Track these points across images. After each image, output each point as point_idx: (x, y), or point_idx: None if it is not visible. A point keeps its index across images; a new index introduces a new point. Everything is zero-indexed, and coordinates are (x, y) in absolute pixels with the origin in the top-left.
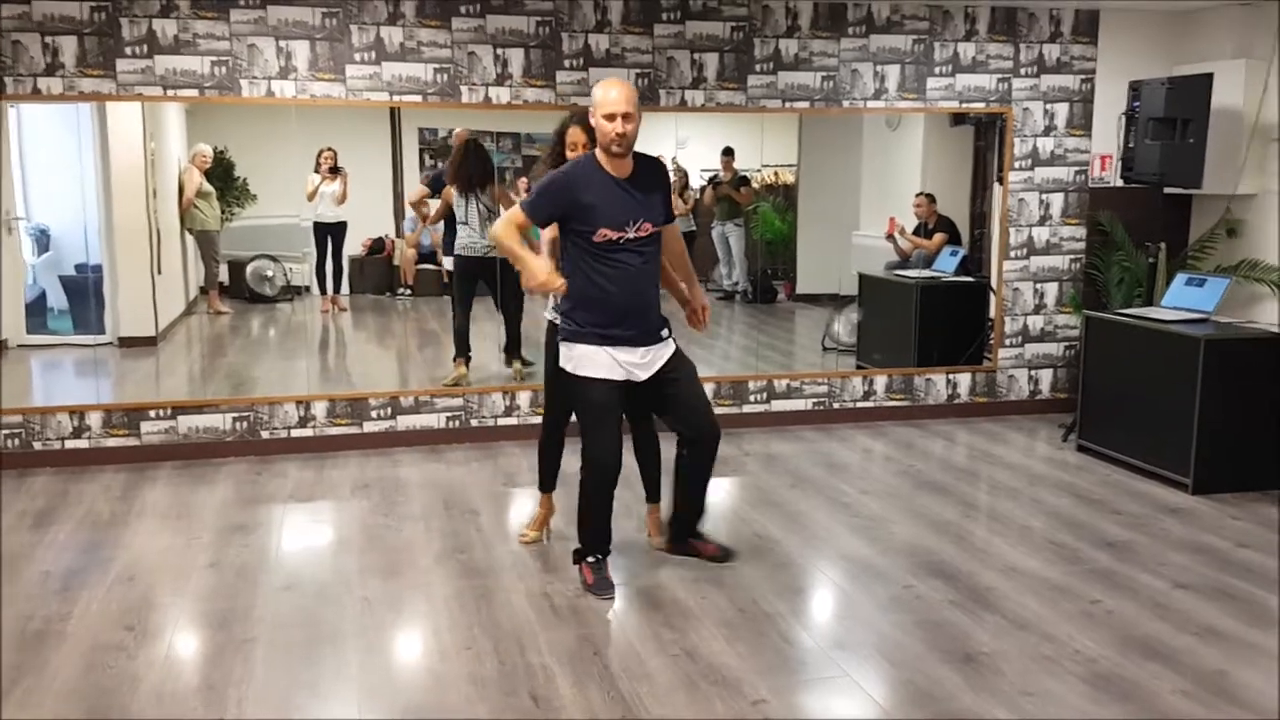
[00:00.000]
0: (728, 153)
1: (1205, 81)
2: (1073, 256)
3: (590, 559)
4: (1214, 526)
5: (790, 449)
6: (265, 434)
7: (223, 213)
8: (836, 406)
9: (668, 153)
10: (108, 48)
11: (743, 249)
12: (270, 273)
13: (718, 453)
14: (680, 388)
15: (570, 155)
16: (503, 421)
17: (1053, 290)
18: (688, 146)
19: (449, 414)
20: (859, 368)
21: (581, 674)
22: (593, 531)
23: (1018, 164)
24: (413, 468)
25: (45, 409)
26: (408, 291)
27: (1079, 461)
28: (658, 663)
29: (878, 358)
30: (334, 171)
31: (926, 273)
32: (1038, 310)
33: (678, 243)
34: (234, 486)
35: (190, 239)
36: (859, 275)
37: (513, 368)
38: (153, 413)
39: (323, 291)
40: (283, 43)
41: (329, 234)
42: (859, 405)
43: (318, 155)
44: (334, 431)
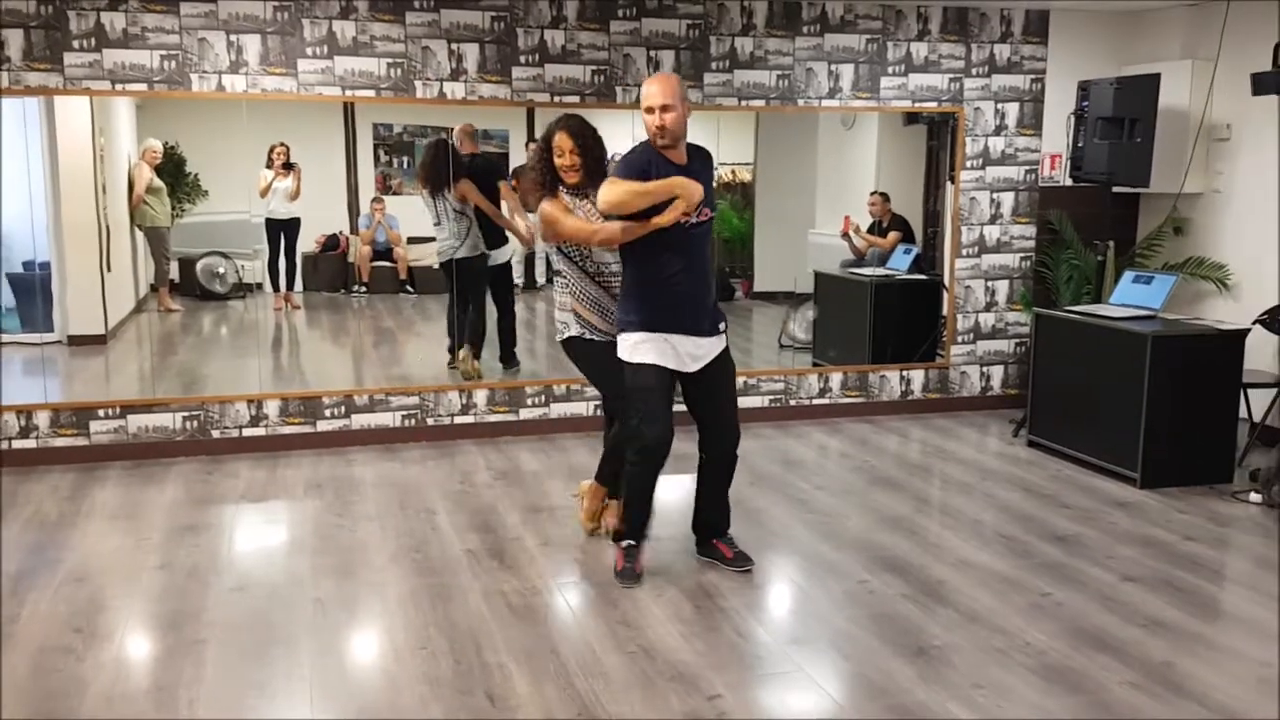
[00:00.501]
0: None
1: (1153, 82)
2: (1023, 254)
3: (625, 544)
4: (1161, 520)
5: (747, 446)
6: (216, 433)
7: (173, 209)
8: (793, 403)
9: (624, 150)
10: (55, 41)
11: None
12: (222, 270)
13: (736, 461)
14: (716, 391)
15: (557, 161)
16: (459, 420)
17: (1004, 288)
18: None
19: (404, 412)
20: (815, 365)
21: (538, 672)
22: (634, 515)
23: (969, 163)
24: (367, 467)
25: None
26: (363, 289)
27: (1029, 456)
28: (614, 660)
29: (833, 355)
30: (287, 167)
31: (881, 271)
32: (989, 308)
33: None
34: (184, 486)
35: (140, 235)
36: (815, 273)
37: (469, 364)
38: (102, 412)
39: (275, 289)
40: (233, 37)
41: (281, 230)
42: (815, 402)
43: (270, 151)
44: (287, 430)
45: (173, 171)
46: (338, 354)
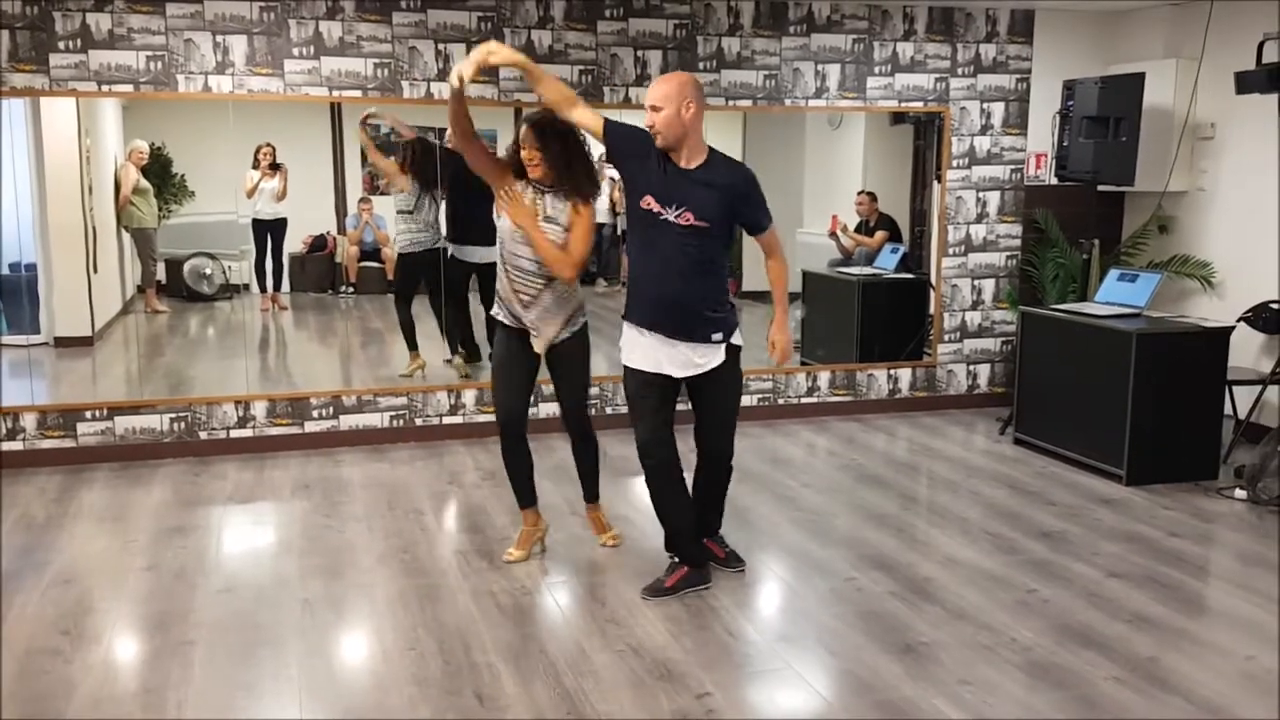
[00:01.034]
0: None
1: (1137, 81)
2: (1009, 253)
3: (680, 565)
4: (1146, 516)
5: (736, 444)
6: (204, 435)
7: (160, 210)
8: (781, 402)
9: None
10: (40, 42)
11: None
12: (209, 271)
13: (731, 471)
14: (710, 402)
15: (521, 153)
16: (448, 420)
17: (990, 286)
18: None
19: (392, 413)
20: (803, 364)
21: (527, 672)
22: (666, 529)
23: (955, 162)
24: (355, 468)
25: None
26: (350, 289)
27: (1016, 454)
28: (603, 659)
29: (821, 354)
30: (273, 168)
31: (868, 270)
32: (975, 306)
33: (774, 265)
34: (172, 488)
35: (127, 237)
36: (803, 273)
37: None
38: (89, 414)
39: (262, 290)
40: (219, 37)
41: (268, 231)
42: (803, 401)
43: (256, 151)
44: (274, 432)
45: (159, 172)
46: (325, 355)
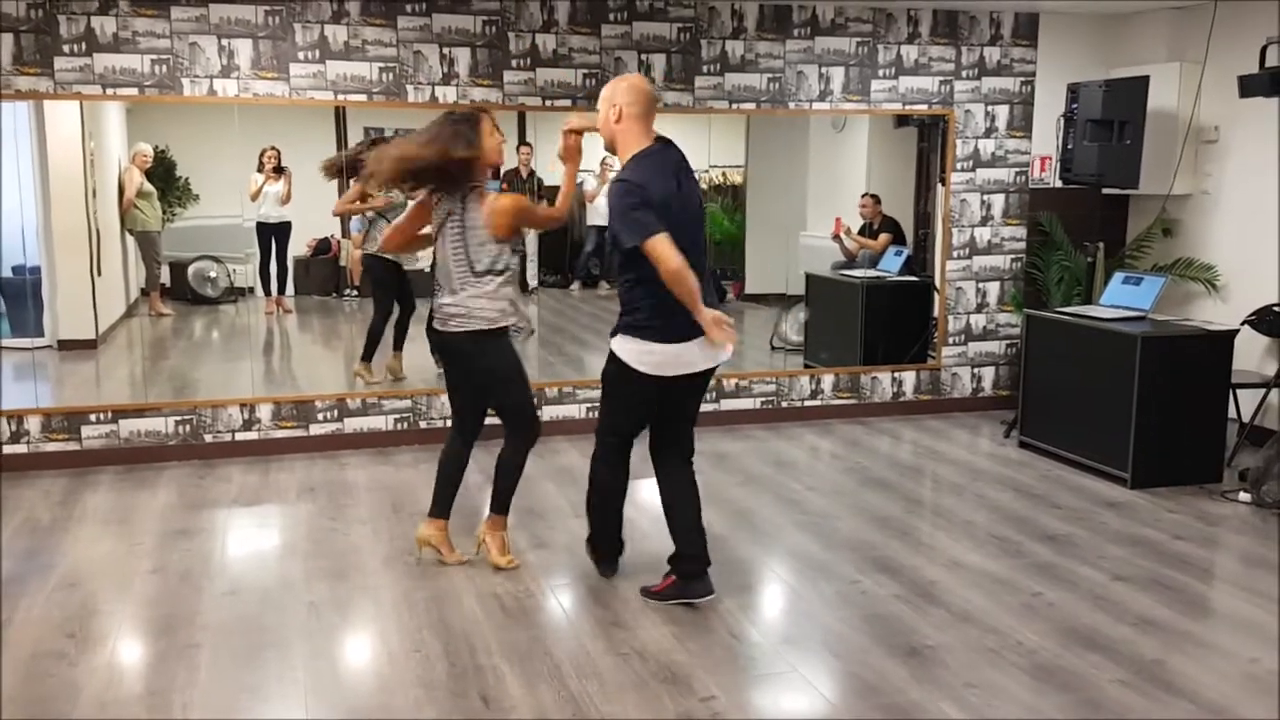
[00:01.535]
0: None
1: (1141, 84)
2: (1013, 256)
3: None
4: (1151, 520)
5: (739, 447)
6: (209, 437)
7: (164, 213)
8: (784, 405)
9: (612, 154)
10: (45, 45)
11: None
12: (213, 274)
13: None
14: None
15: (495, 138)
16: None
17: (994, 289)
18: None
19: (397, 416)
20: (806, 367)
21: (532, 674)
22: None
23: (959, 165)
24: (360, 470)
25: None
26: (354, 292)
27: (1020, 457)
28: (608, 661)
29: (825, 357)
30: (278, 171)
31: (872, 272)
32: (980, 309)
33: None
34: (177, 491)
35: (131, 240)
36: (806, 275)
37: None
38: (93, 416)
39: (267, 293)
40: (225, 41)
41: (273, 234)
42: (807, 404)
43: (261, 154)
44: (279, 434)
45: (163, 176)
46: (330, 358)
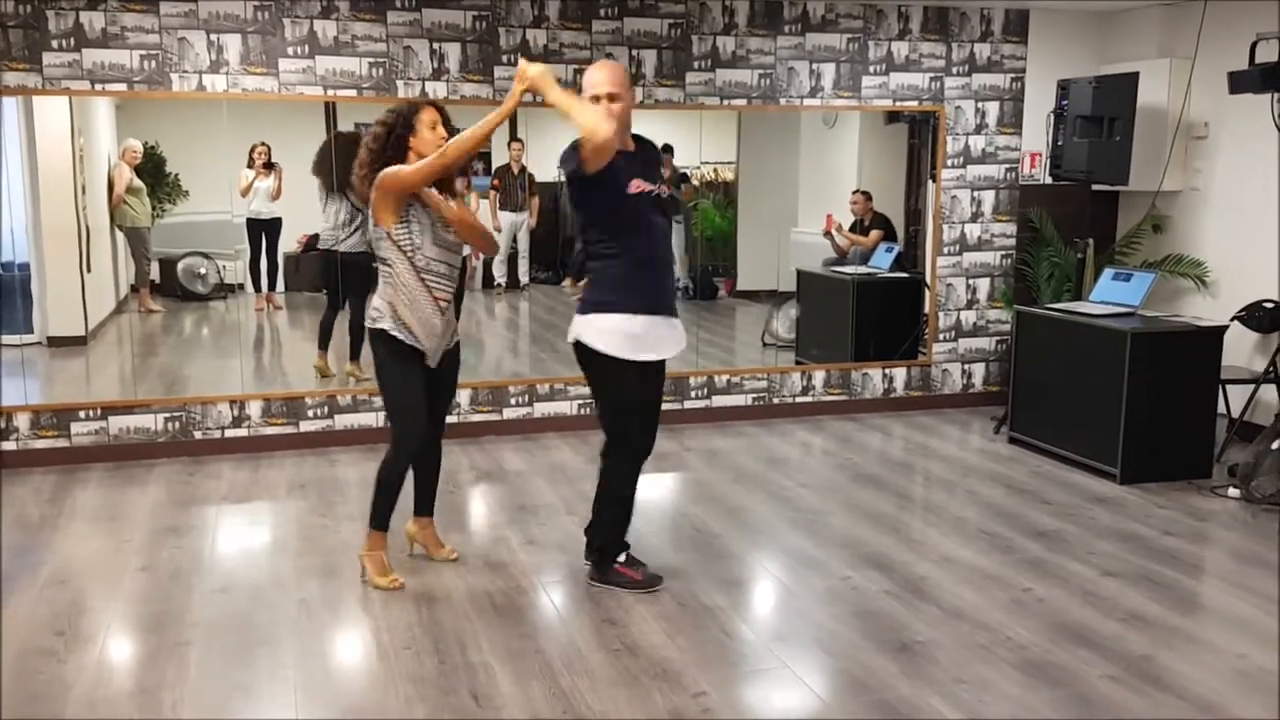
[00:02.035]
0: (667, 150)
1: (1131, 80)
2: (1004, 252)
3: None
4: (1140, 515)
5: (731, 444)
6: (198, 434)
7: (154, 209)
8: (776, 401)
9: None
10: (33, 41)
11: (684, 246)
12: (203, 270)
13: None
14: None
15: (437, 130)
16: None
17: (984, 286)
18: None
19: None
20: (798, 363)
21: (522, 671)
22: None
23: (950, 161)
24: (350, 467)
25: None
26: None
27: (1011, 453)
28: (599, 658)
29: (816, 353)
30: (268, 167)
31: (863, 269)
32: (970, 305)
33: None
34: (166, 488)
35: (120, 236)
36: (797, 272)
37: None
38: (83, 413)
39: (257, 289)
40: (214, 36)
41: (263, 230)
42: (798, 400)
43: (251, 150)
44: (269, 431)
45: (153, 172)
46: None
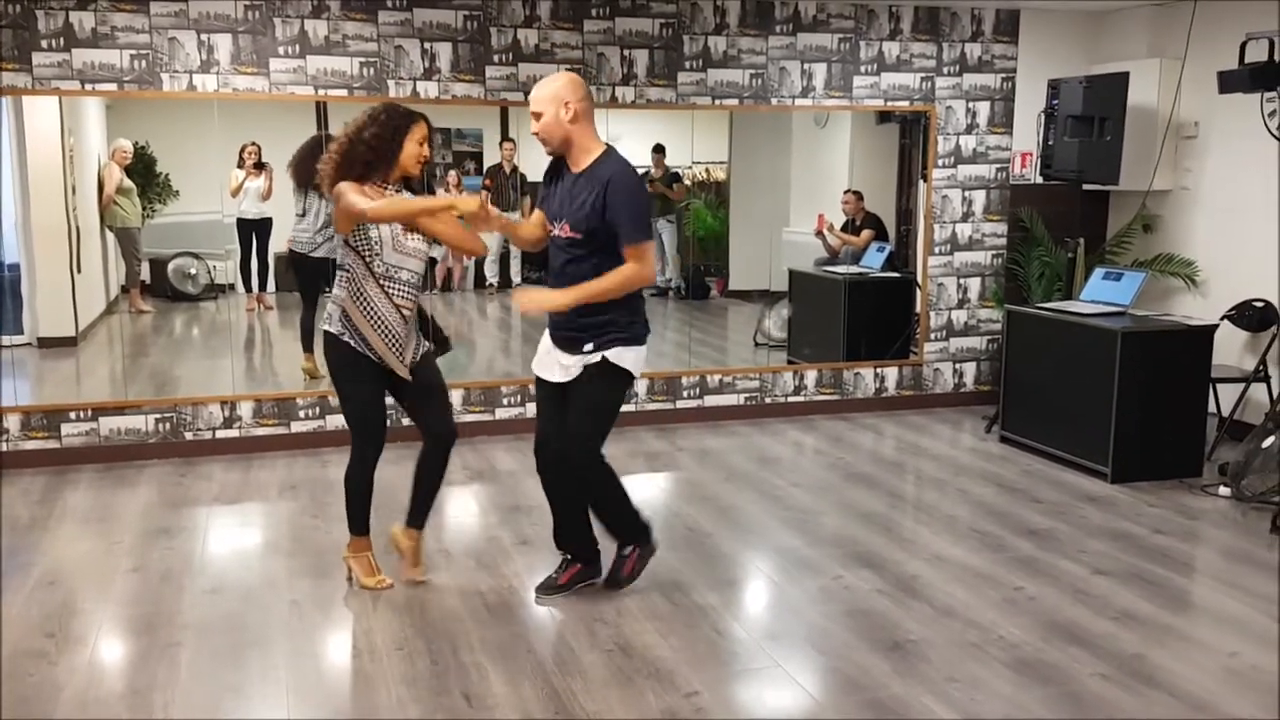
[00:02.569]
0: (659, 150)
1: (1121, 80)
2: (994, 252)
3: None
4: (1131, 514)
5: (723, 443)
6: (189, 435)
7: (144, 209)
8: (768, 401)
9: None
10: (23, 40)
11: (675, 245)
12: (193, 270)
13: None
14: (571, 403)
15: (424, 149)
16: None
17: (975, 285)
18: (619, 143)
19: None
20: (790, 363)
21: (515, 671)
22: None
23: (941, 161)
24: (342, 468)
25: None
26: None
27: (1002, 452)
28: (591, 658)
29: (808, 353)
30: (258, 167)
31: (854, 269)
32: (961, 305)
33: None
34: (157, 489)
35: (111, 236)
36: (789, 271)
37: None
38: (73, 414)
39: (248, 289)
40: (204, 36)
41: (253, 231)
42: (790, 400)
43: (241, 150)
44: (260, 432)
45: (143, 172)
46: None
